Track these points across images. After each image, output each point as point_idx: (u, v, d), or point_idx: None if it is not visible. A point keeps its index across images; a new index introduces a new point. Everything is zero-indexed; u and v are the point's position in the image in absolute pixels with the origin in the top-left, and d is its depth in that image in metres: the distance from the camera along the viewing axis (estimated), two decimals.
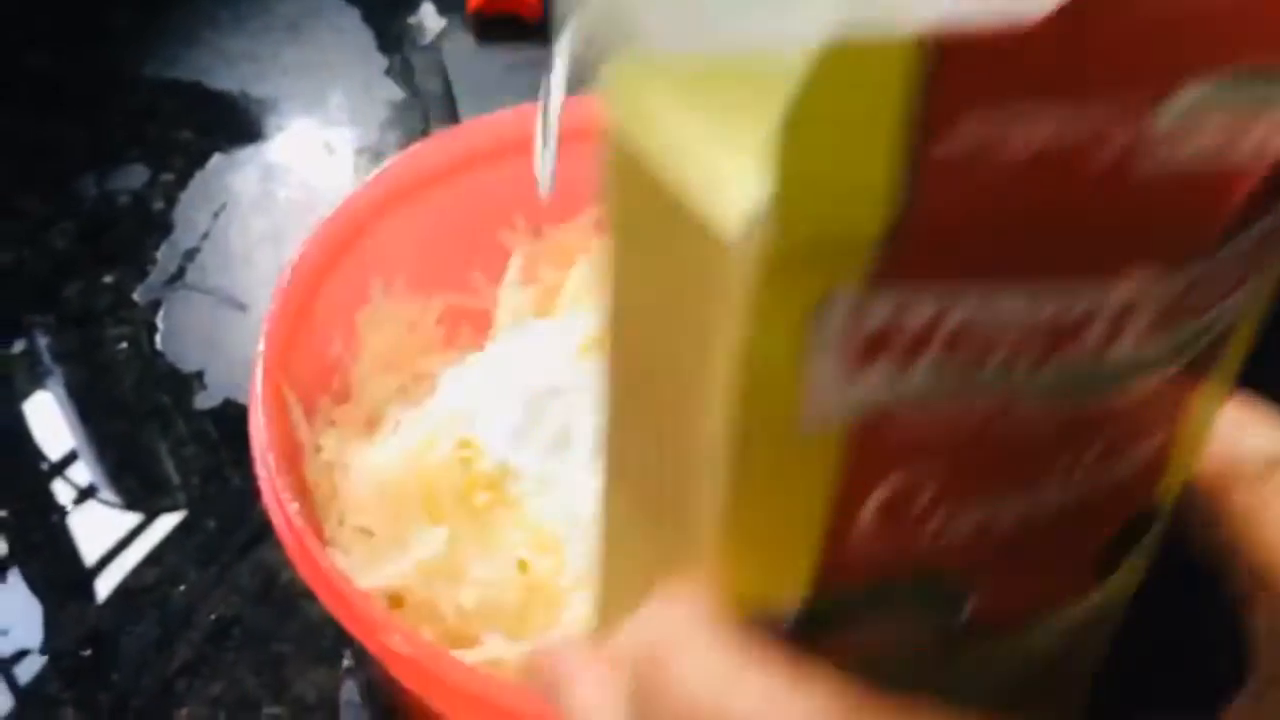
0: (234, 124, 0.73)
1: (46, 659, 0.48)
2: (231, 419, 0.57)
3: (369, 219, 0.46)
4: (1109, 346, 0.14)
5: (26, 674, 0.47)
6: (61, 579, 0.51)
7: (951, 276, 0.13)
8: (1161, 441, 0.17)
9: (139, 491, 0.55)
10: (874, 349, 0.13)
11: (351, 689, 0.48)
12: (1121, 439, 0.16)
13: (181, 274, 0.63)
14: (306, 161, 0.71)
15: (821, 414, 0.13)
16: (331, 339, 0.46)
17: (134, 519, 0.53)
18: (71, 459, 0.56)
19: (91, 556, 0.52)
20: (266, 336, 0.41)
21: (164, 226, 0.66)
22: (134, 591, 0.50)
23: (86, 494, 0.54)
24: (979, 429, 0.14)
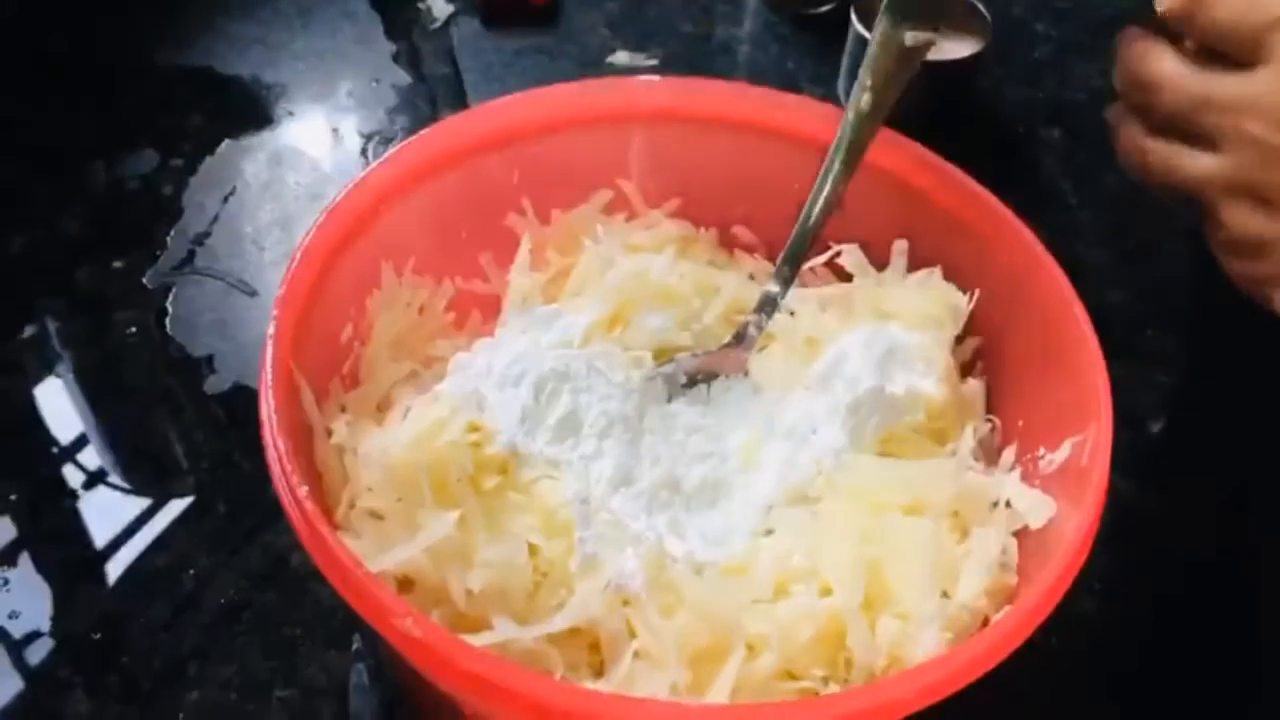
0: (244, 109, 0.73)
1: (57, 642, 0.48)
2: (241, 403, 0.57)
3: (378, 203, 0.46)
4: None
5: (37, 656, 0.48)
6: (72, 563, 0.52)
7: None
8: None
9: (149, 476, 0.55)
10: None
11: (361, 672, 0.48)
12: None
13: (191, 259, 0.63)
14: (316, 146, 0.71)
15: None
16: (342, 323, 0.46)
17: (144, 503, 0.53)
18: (82, 443, 0.56)
19: (102, 540, 0.52)
20: (276, 320, 0.41)
21: (174, 212, 0.66)
22: (144, 575, 0.51)
23: (97, 478, 0.54)
24: None
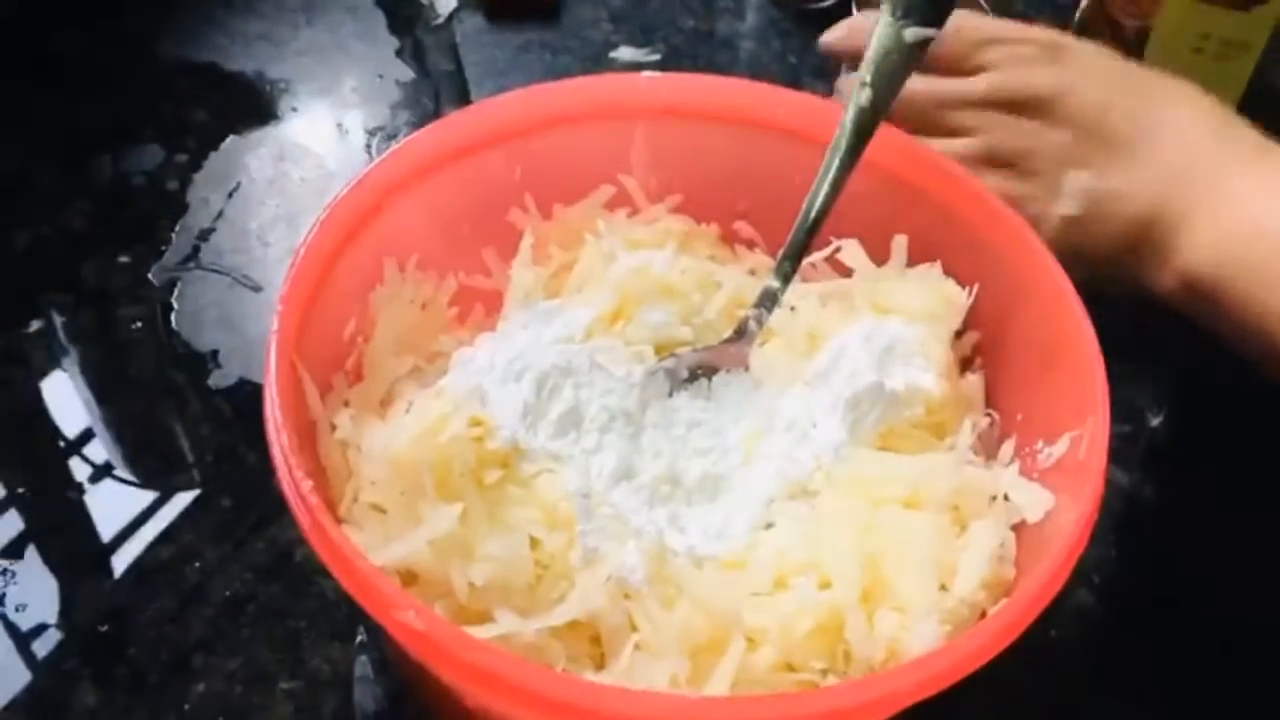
0: (248, 105, 0.73)
1: (64, 634, 0.48)
2: (246, 397, 0.57)
3: (382, 199, 0.47)
4: None
5: (44, 649, 0.48)
6: (79, 556, 0.52)
7: None
8: None
9: (155, 469, 0.56)
10: None
11: (365, 664, 0.48)
12: None
13: (196, 254, 0.64)
14: (320, 142, 0.71)
15: None
16: (345, 319, 0.46)
17: (150, 496, 0.54)
18: (88, 437, 0.56)
19: (108, 533, 0.52)
20: (280, 315, 0.41)
21: (178, 207, 0.66)
22: (150, 568, 0.51)
23: (103, 472, 0.55)
24: None
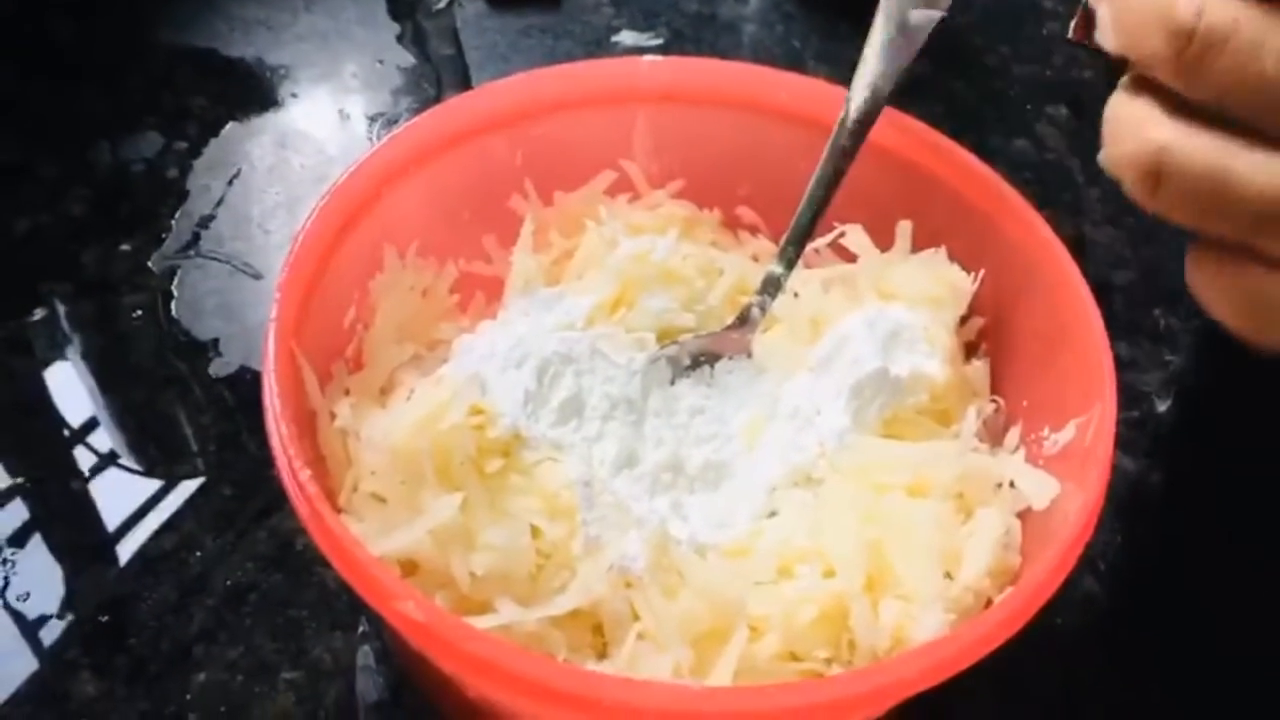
0: (248, 91, 0.73)
1: (65, 624, 0.48)
2: (247, 386, 0.57)
3: (381, 185, 0.46)
4: None
5: (46, 638, 0.48)
6: (81, 545, 0.52)
7: None
8: None
9: (157, 458, 0.55)
10: None
11: (367, 654, 0.48)
12: None
13: (196, 241, 0.63)
14: (320, 128, 0.71)
15: None
16: (345, 307, 0.46)
17: (152, 486, 0.54)
18: (91, 426, 0.56)
19: (111, 522, 0.52)
20: (279, 303, 0.41)
21: (178, 194, 0.66)
22: (152, 557, 0.51)
23: (106, 461, 0.55)
24: None
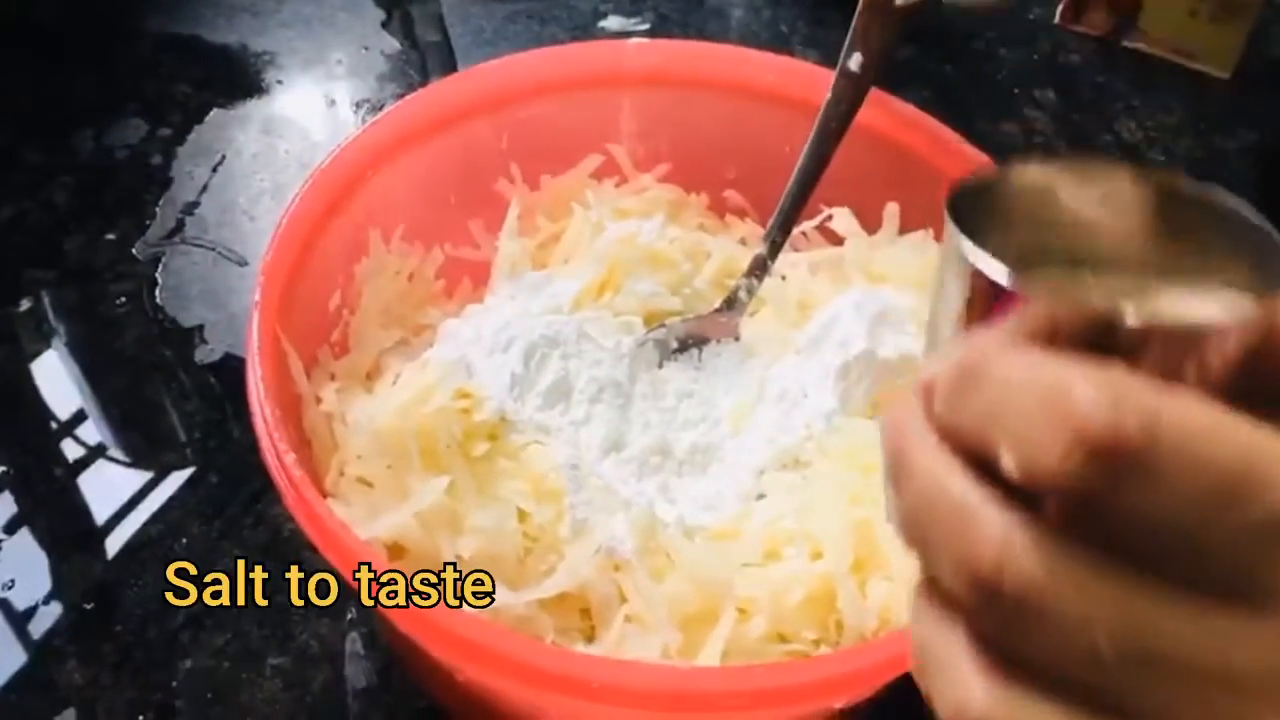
0: (233, 78, 0.72)
1: (52, 612, 0.48)
2: (233, 373, 0.57)
3: (366, 168, 0.46)
4: None
5: (33, 626, 0.48)
6: (68, 534, 0.52)
7: None
8: None
9: (144, 446, 0.55)
10: None
11: (356, 639, 0.48)
12: None
13: (181, 228, 0.63)
14: (306, 115, 0.70)
15: None
16: (330, 291, 0.46)
17: (139, 474, 0.53)
18: (80, 416, 0.56)
19: (97, 510, 0.52)
20: (263, 288, 0.41)
21: (163, 181, 0.65)
22: (138, 545, 0.50)
23: (93, 450, 0.54)
24: None
